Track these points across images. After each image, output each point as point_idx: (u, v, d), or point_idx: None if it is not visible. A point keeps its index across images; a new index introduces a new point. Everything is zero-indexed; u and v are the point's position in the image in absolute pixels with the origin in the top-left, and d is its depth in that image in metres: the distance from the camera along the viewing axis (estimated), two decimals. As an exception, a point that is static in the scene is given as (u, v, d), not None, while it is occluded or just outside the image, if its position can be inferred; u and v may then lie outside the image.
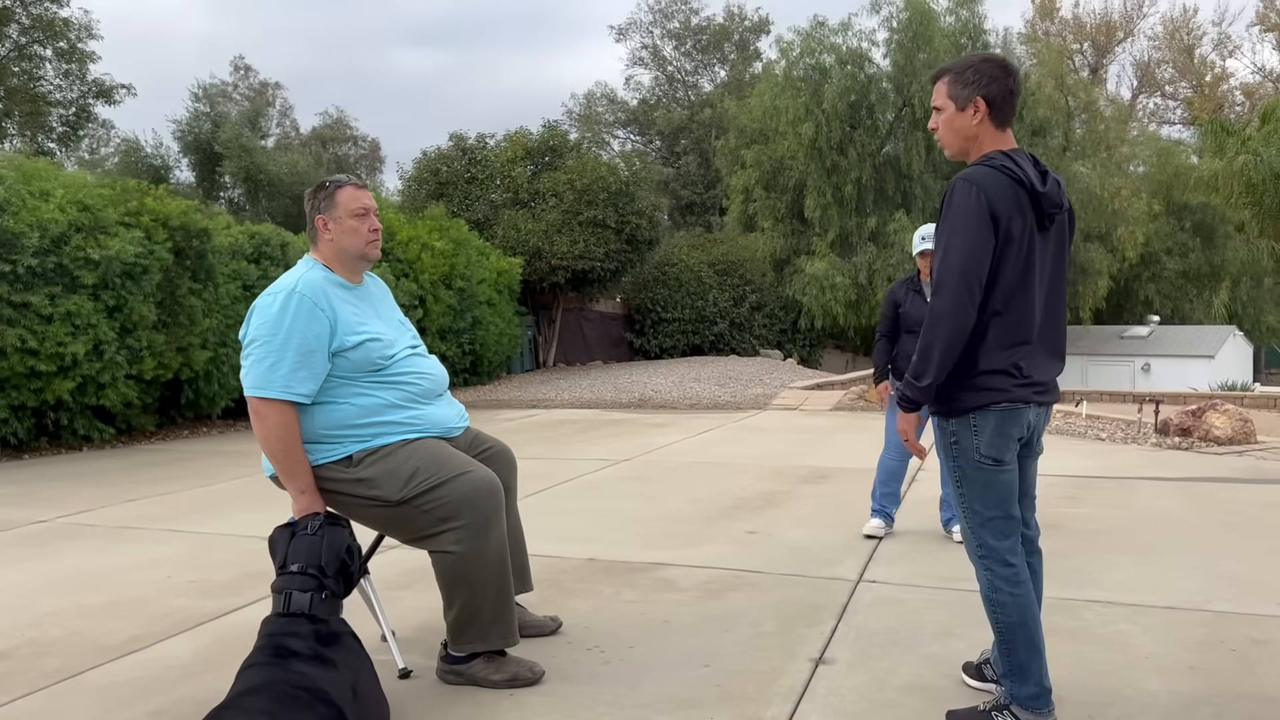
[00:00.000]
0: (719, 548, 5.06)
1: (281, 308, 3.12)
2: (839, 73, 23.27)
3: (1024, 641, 2.75)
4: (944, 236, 2.65)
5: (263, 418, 3.09)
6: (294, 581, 2.87)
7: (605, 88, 50.35)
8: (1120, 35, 51.85)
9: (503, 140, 20.56)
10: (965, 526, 2.84)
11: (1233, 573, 4.42)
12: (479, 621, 3.19)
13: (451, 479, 3.14)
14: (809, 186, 23.05)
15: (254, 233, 11.31)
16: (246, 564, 4.94)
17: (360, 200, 3.31)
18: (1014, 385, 2.69)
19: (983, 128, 2.73)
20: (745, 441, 9.15)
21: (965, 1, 24.02)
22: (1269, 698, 3.07)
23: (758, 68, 45.21)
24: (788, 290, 22.58)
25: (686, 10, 47.64)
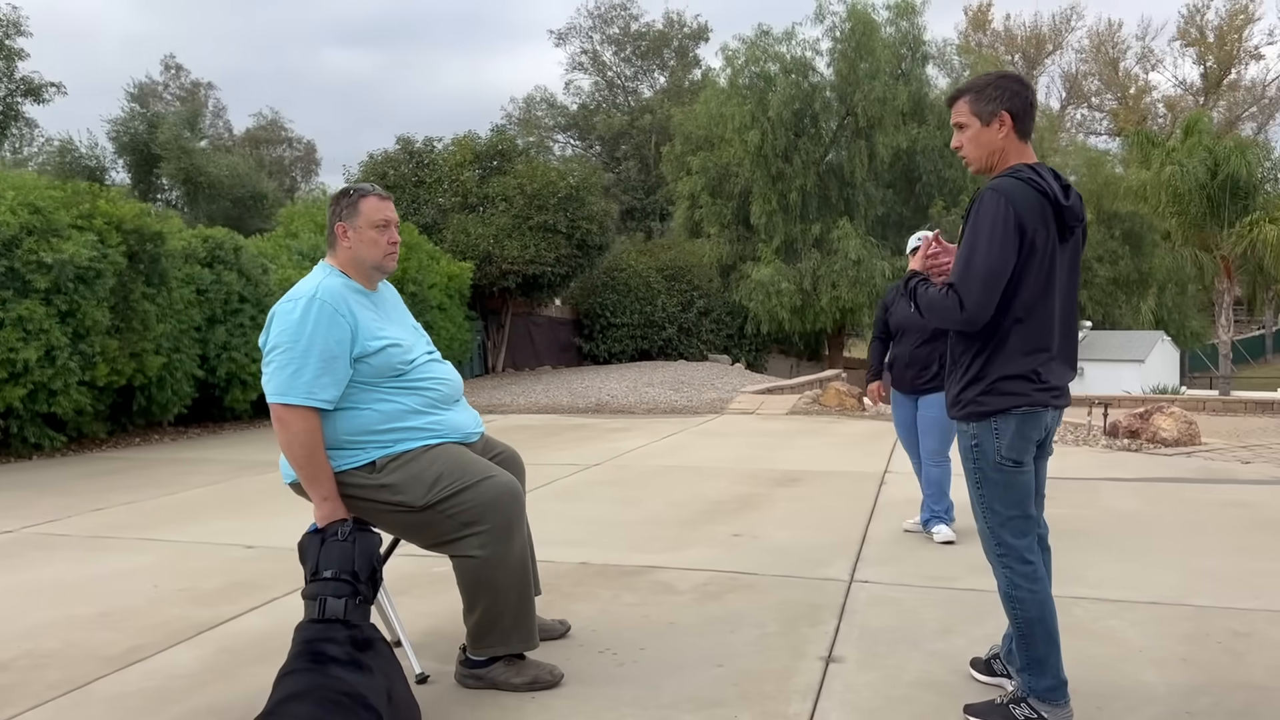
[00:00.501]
0: (707, 550, 5.13)
1: (303, 314, 3.12)
2: (784, 81, 23.59)
3: (1042, 636, 2.86)
4: (969, 241, 2.75)
5: (286, 424, 3.08)
6: (328, 587, 2.87)
7: (545, 92, 50.17)
8: (1049, 47, 53.28)
9: (451, 144, 20.45)
10: (984, 526, 2.94)
11: (1207, 569, 4.62)
12: (501, 626, 3.21)
13: (475, 483, 3.16)
14: (755, 193, 23.31)
15: (207, 236, 11.11)
16: (232, 572, 4.88)
17: (383, 212, 3.31)
18: (1034, 390, 2.80)
19: (1008, 141, 2.84)
20: (710, 445, 9.24)
21: (905, 12, 24.51)
22: (1261, 687, 3.22)
23: (697, 74, 45.53)
24: (734, 296, 22.80)
25: (626, 16, 47.69)
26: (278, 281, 11.88)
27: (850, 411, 11.87)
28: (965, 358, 2.90)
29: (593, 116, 46.15)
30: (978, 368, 2.85)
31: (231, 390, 11.23)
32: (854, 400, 12.11)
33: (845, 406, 12.00)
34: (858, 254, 22.03)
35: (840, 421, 11.01)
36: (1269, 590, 4.27)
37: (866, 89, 22.77)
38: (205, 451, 9.61)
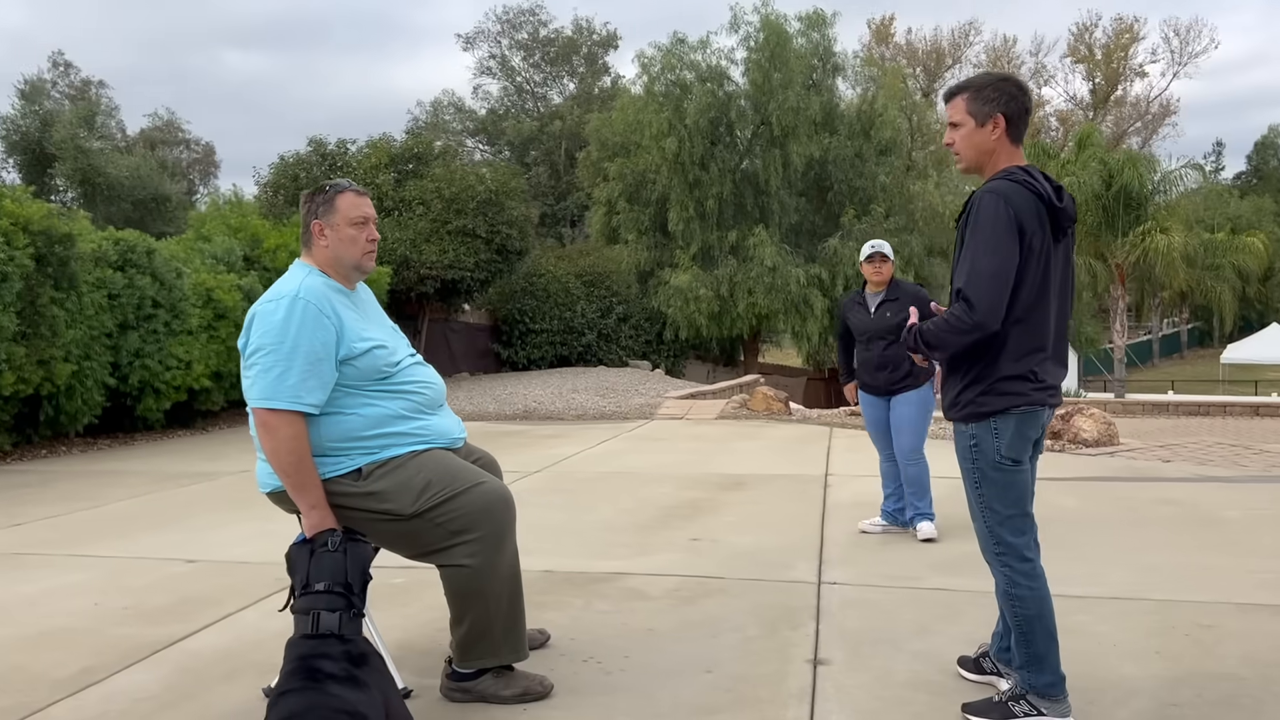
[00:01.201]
0: (670, 556, 5.09)
1: (286, 314, 2.98)
2: (700, 89, 23.76)
3: (1042, 633, 2.90)
4: (973, 245, 2.78)
5: (272, 430, 2.94)
6: (320, 601, 2.74)
7: (453, 96, 49.59)
8: (949, 61, 54.86)
9: (365, 146, 20.05)
10: (982, 526, 2.97)
11: (1156, 564, 4.76)
12: (490, 637, 3.12)
13: (465, 490, 3.07)
14: (672, 200, 23.41)
15: (119, 239, 10.65)
16: (178, 588, 4.66)
17: (361, 208, 3.19)
18: (1032, 390, 2.84)
19: (1000, 143, 2.88)
20: (647, 451, 9.22)
21: (816, 24, 24.95)
22: (1237, 676, 3.32)
23: (607, 81, 45.62)
24: (653, 302, 22.85)
25: (534, 22, 47.45)
26: (192, 286, 11.45)
27: (778, 416, 11.98)
28: (964, 360, 2.92)
29: (502, 121, 45.79)
30: (978, 369, 2.88)
31: (144, 399, 10.78)
32: (781, 405, 12.23)
33: (773, 411, 12.11)
34: (773, 261, 22.30)
35: (770, 425, 11.10)
36: (1220, 584, 4.42)
37: (780, 99, 23.08)
38: (121, 463, 9.19)
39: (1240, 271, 39.50)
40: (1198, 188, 40.53)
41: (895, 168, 25.93)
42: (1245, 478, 7.14)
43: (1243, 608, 4.07)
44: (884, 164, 25.16)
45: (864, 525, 5.52)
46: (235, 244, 13.15)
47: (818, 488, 7.03)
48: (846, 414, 11.88)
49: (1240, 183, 58.84)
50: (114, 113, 47.09)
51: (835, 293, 22.92)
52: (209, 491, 7.43)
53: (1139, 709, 3.07)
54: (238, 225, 13.82)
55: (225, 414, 12.83)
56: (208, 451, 9.96)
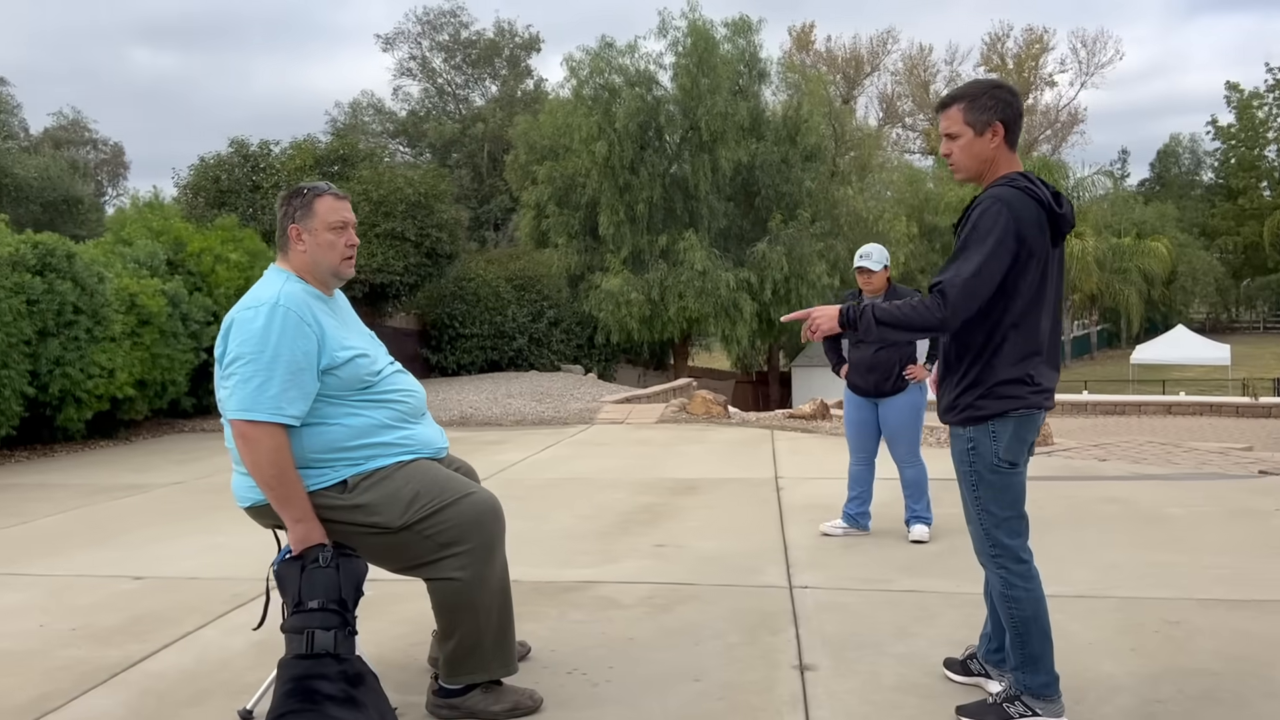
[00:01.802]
0: (637, 563, 5.04)
1: (266, 322, 2.87)
2: (629, 93, 23.78)
3: (1037, 634, 2.93)
4: (967, 245, 2.79)
5: (252, 443, 2.82)
6: (314, 619, 2.64)
7: (372, 97, 48.73)
8: (868, 69, 55.89)
9: (289, 147, 19.60)
10: (978, 529, 2.98)
11: (1113, 562, 4.87)
12: (480, 651, 3.04)
13: (455, 501, 2.99)
14: (603, 204, 23.38)
15: (37, 242, 10.19)
16: (128, 607, 4.46)
17: (340, 213, 3.08)
18: (1029, 393, 2.86)
19: (999, 150, 2.90)
20: (593, 456, 9.15)
21: (742, 30, 25.19)
22: (1212, 671, 3.41)
23: (530, 84, 45.37)
24: (584, 306, 22.77)
25: (456, 23, 46.90)
26: (114, 291, 11.02)
27: (717, 419, 12.01)
28: (961, 363, 2.93)
29: (423, 123, 45.19)
30: (975, 373, 2.90)
31: (65, 409, 10.33)
32: (720, 408, 12.27)
33: (712, 414, 12.14)
34: (703, 265, 22.42)
35: (711, 429, 11.12)
36: (1178, 580, 4.54)
37: (709, 104, 23.23)
38: (43, 476, 8.80)
39: (1146, 275, 41.06)
40: (1105, 194, 42.09)
41: (820, 174, 26.30)
42: (1180, 475, 7.37)
43: (1204, 603, 4.17)
44: (810, 170, 25.49)
45: (825, 528, 5.54)
46: (158, 248, 12.72)
47: (770, 491, 7.05)
48: (785, 416, 11.97)
49: (1144, 189, 61.09)
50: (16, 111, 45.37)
51: (764, 297, 23.15)
52: (143, 504, 7.15)
53: (1124, 706, 3.12)
54: (160, 228, 13.36)
55: (148, 424, 12.40)
56: (134, 463, 9.60)
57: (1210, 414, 20.10)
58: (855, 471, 5.49)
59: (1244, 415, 19.96)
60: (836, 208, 25.79)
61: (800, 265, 23.32)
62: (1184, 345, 32.75)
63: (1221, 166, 59.10)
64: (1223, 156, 58.86)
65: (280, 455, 2.83)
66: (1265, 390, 27.98)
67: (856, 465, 5.48)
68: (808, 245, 23.62)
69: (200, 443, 11.04)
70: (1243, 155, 57.03)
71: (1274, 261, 53.26)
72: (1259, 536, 5.36)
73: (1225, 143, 58.13)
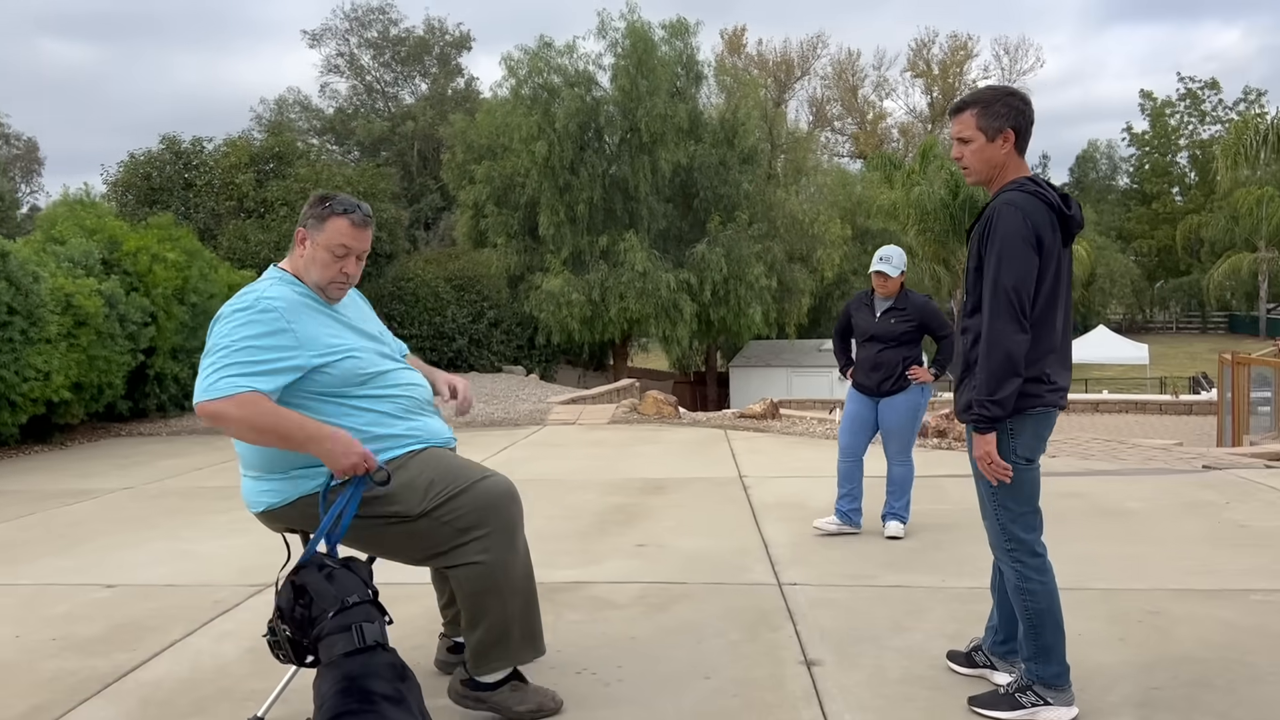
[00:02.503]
0: (623, 562, 5.05)
1: (244, 319, 2.83)
2: (569, 94, 23.73)
3: (1050, 625, 3.01)
4: (994, 257, 2.86)
5: (224, 417, 2.73)
6: (357, 614, 2.60)
7: (299, 94, 47.80)
8: (798, 73, 56.57)
9: (223, 144, 19.17)
10: (994, 523, 3.06)
11: (1084, 555, 5.01)
12: (509, 638, 3.02)
13: (470, 486, 2.98)
14: (543, 204, 23.29)
15: (-32, 239, 9.82)
16: (106, 616, 4.33)
17: (344, 239, 2.99)
18: (1046, 391, 2.95)
19: (1009, 156, 2.98)
20: (551, 457, 9.13)
21: (680, 32, 25.30)
22: (1199, 659, 3.54)
23: (461, 83, 44.97)
24: (525, 307, 22.66)
25: (385, 20, 46.25)
26: (49, 291, 10.66)
27: (669, 419, 12.06)
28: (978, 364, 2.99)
29: (351, 121, 44.49)
30: (993, 372, 2.96)
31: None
32: (671, 408, 12.32)
33: (663, 414, 12.19)
34: (644, 266, 22.47)
35: (665, 429, 11.16)
36: (1150, 572, 4.70)
37: (648, 106, 23.29)
38: (-19, 482, 8.48)
39: (1067, 277, 42.10)
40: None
41: (757, 176, 26.56)
42: (1129, 470, 7.61)
43: (1179, 593, 4.33)
44: (747, 172, 25.72)
45: (819, 524, 5.58)
46: (93, 246, 12.32)
47: (738, 489, 7.11)
48: (735, 416, 12.07)
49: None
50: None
51: (704, 298, 23.29)
52: (95, 511, 6.93)
53: (1127, 694, 3.23)
54: (94, 226, 12.95)
55: (83, 428, 12.03)
56: (74, 468, 9.31)
57: (1135, 411, 20.82)
58: (844, 469, 5.56)
59: (1167, 412, 20.71)
60: (773, 210, 26.06)
61: (739, 267, 23.51)
62: (1105, 345, 33.75)
63: (1136, 172, 61.12)
64: (1137, 162, 60.89)
65: (259, 407, 2.73)
66: (1183, 388, 29.01)
67: (845, 462, 5.55)
68: (746, 247, 23.82)
69: (139, 446, 10.74)
70: (1156, 161, 59.07)
71: (1186, 264, 55.26)
72: (1215, 529, 5.57)
73: (1140, 149, 60.16)
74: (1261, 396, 14.81)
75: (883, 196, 31.51)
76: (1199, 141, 57.54)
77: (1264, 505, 6.17)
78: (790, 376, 28.92)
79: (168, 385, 13.46)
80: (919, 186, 28.73)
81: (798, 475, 7.74)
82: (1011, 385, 2.85)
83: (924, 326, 5.40)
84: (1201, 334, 54.66)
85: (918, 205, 28.51)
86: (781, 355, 29.87)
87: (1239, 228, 48.12)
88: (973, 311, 2.98)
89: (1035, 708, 3.01)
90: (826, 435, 10.19)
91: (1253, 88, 58.69)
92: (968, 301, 3.02)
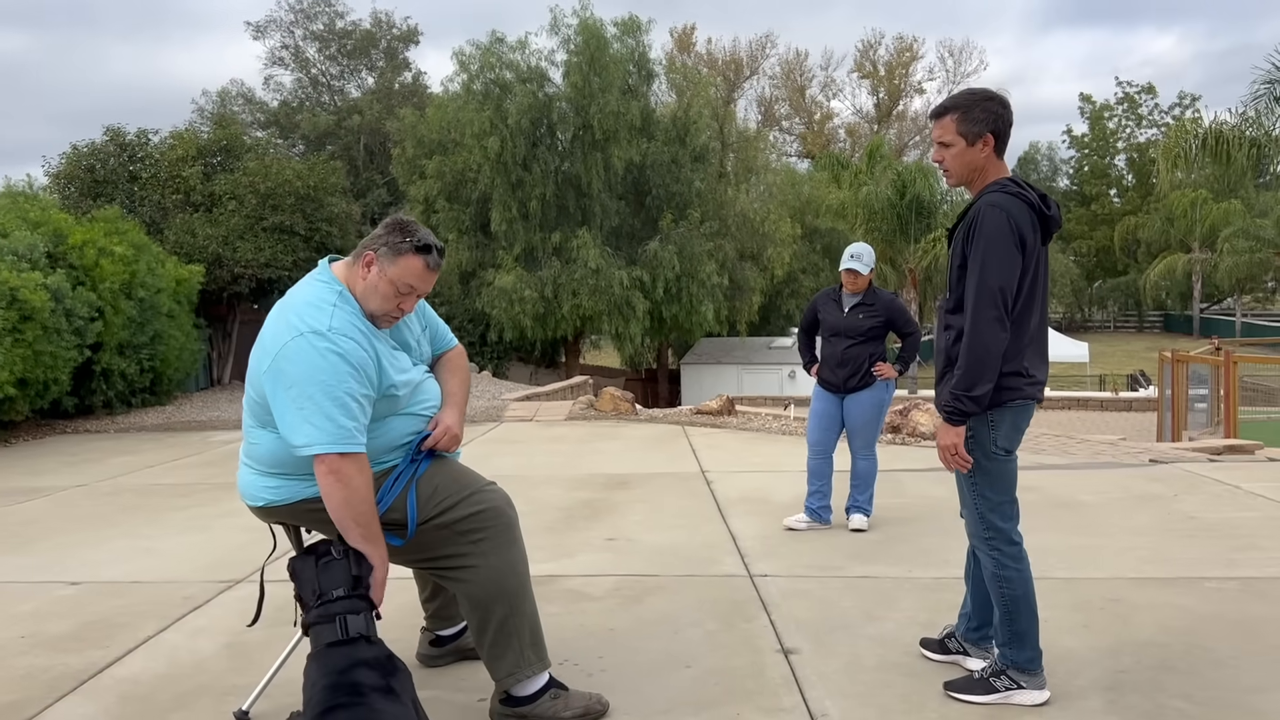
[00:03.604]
0: (594, 556, 5.09)
1: (329, 350, 2.73)
2: (521, 90, 23.66)
3: (1026, 611, 3.11)
4: (979, 257, 2.94)
5: (347, 479, 2.69)
6: (341, 605, 2.61)
7: (242, 86, 46.94)
8: (747, 72, 56.90)
9: (169, 137, 18.80)
10: (973, 513, 3.15)
11: (1044, 546, 5.14)
12: (518, 642, 3.00)
13: (473, 494, 3.01)
14: (495, 200, 23.19)
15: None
16: (73, 613, 4.27)
17: (413, 280, 2.86)
18: (1025, 384, 3.04)
19: (989, 159, 3.06)
20: (512, 454, 9.12)
21: (632, 30, 25.32)
22: (1161, 643, 3.67)
23: (408, 77, 44.54)
24: (477, 303, 22.55)
25: (330, 13, 45.58)
26: (-7, 285, 10.41)
27: (626, 415, 12.11)
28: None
29: (295, 114, 43.84)
30: (973, 367, 3.04)
31: (-59, 409, 9.72)
32: (628, 405, 12.37)
33: (621, 411, 12.23)
34: (597, 263, 22.48)
35: (623, 425, 11.20)
36: (1106, 561, 4.85)
37: (601, 103, 23.29)
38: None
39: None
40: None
41: (709, 174, 26.69)
42: (1079, 465, 7.82)
43: (1136, 582, 4.48)
44: (698, 170, 25.83)
45: (789, 522, 5.65)
46: (37, 239, 12.04)
47: (700, 484, 7.18)
48: (692, 413, 12.15)
49: (1006, 195, 63.76)
50: None
51: (656, 295, 23.36)
52: (50, 508, 6.80)
53: (1095, 678, 3.34)
54: (38, 219, 12.66)
55: (28, 425, 11.76)
56: (24, 466, 9.11)
57: (1078, 408, 21.32)
58: (814, 465, 5.63)
59: (1108, 409, 21.23)
60: (724, 208, 26.21)
61: (691, 264, 23.62)
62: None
63: (1076, 174, 62.40)
64: (1077, 164, 62.18)
65: (370, 490, 2.75)
66: (1123, 385, 29.73)
67: (815, 459, 5.63)
68: (698, 245, 23.94)
69: (88, 444, 10.54)
70: (1095, 163, 60.37)
71: (1123, 264, 56.55)
72: (1166, 520, 5.75)
73: (1079, 151, 61.42)
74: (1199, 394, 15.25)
75: (831, 196, 31.87)
76: (1136, 145, 58.94)
77: (1210, 497, 6.38)
78: (741, 373, 29.14)
79: (115, 381, 13.21)
80: (866, 187, 29.11)
81: (759, 470, 7.83)
82: (988, 382, 2.94)
83: (890, 323, 5.50)
84: (1138, 332, 56.03)
85: (865, 205, 28.88)
86: (732, 352, 30.06)
87: (1174, 229, 49.39)
88: (955, 309, 3.06)
89: (1009, 691, 3.11)
90: (783, 431, 10.31)
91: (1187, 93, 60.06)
92: (949, 299, 3.10)
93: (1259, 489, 6.61)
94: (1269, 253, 43.43)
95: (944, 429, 3.05)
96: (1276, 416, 15.93)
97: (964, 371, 2.94)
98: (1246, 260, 43.97)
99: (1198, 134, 18.32)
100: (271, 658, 3.51)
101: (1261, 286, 52.05)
